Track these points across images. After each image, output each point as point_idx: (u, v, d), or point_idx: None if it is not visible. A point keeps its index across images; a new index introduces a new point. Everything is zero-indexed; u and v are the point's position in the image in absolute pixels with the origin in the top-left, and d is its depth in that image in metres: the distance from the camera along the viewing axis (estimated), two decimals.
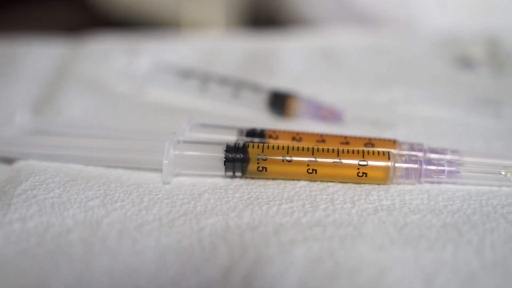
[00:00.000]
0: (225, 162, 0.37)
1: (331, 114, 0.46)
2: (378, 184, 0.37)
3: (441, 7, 0.78)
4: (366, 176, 0.37)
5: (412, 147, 0.38)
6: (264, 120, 0.46)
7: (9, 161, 0.39)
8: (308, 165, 0.36)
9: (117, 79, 0.52)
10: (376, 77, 0.54)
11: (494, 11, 0.77)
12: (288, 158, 0.36)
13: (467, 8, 0.78)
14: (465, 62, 0.57)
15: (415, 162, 0.37)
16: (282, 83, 0.49)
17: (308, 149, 0.37)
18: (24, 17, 1.02)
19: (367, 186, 0.37)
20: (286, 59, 0.58)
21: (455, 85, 0.52)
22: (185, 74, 0.50)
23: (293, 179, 0.37)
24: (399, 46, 0.62)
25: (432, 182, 0.37)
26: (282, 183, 0.37)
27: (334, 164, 0.36)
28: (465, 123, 0.46)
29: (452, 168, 0.37)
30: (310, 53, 0.60)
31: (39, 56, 0.58)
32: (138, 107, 0.48)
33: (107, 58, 0.55)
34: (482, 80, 0.53)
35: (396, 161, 0.37)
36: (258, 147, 0.37)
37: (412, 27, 0.77)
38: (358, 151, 0.37)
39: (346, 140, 0.39)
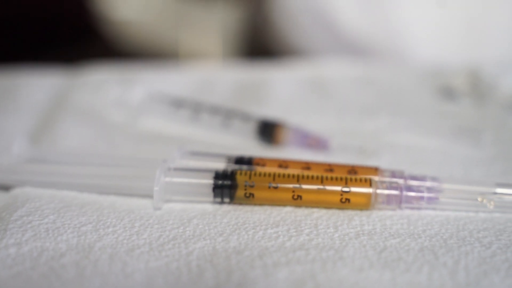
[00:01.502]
0: (214, 188, 0.38)
1: (317, 143, 0.47)
2: (361, 209, 0.39)
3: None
4: (349, 202, 0.38)
5: (393, 174, 0.40)
6: (253, 148, 0.48)
7: (6, 188, 0.41)
8: (293, 192, 0.38)
9: (112, 109, 0.54)
10: (363, 106, 0.56)
11: (475, 45, 0.80)
12: (274, 185, 0.38)
13: (451, 42, 0.81)
14: (448, 93, 0.59)
15: (396, 188, 0.38)
16: (271, 113, 0.51)
17: (293, 176, 0.38)
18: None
19: (350, 212, 0.38)
20: (276, 89, 0.60)
21: (438, 115, 0.54)
22: (178, 103, 0.52)
23: (279, 205, 0.39)
24: (386, 77, 0.64)
25: (412, 208, 0.39)
26: (268, 209, 0.39)
27: (318, 191, 0.38)
28: (446, 151, 0.47)
29: (431, 195, 0.38)
30: (300, 83, 0.62)
31: (36, 87, 0.59)
32: (131, 136, 0.50)
33: (102, 88, 0.57)
34: (464, 110, 0.55)
35: (377, 188, 0.38)
36: (245, 174, 0.39)
37: (399, 59, 0.79)
38: (341, 178, 0.38)
39: (330, 168, 0.40)
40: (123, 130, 0.51)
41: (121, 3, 1.25)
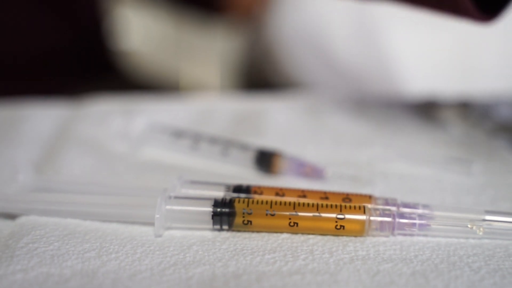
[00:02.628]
0: (213, 216, 0.40)
1: (313, 172, 0.49)
2: (355, 236, 0.40)
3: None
4: (343, 228, 0.39)
5: (386, 202, 0.42)
6: (251, 177, 0.49)
7: (12, 216, 0.42)
8: (290, 219, 0.39)
9: (114, 139, 0.56)
10: (357, 136, 0.58)
11: (466, 77, 0.83)
12: (271, 212, 0.40)
13: (443, 74, 0.84)
14: (440, 123, 0.61)
15: (388, 216, 0.40)
16: (268, 142, 0.53)
17: (290, 203, 0.40)
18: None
19: (344, 238, 0.40)
20: (274, 120, 0.62)
21: (430, 144, 0.56)
22: (178, 134, 0.54)
23: (276, 232, 0.40)
24: (380, 108, 0.66)
25: (404, 234, 0.40)
26: (265, 236, 0.40)
27: (314, 218, 0.39)
28: (438, 179, 0.49)
29: (422, 222, 0.40)
30: (297, 114, 0.64)
31: (40, 119, 0.61)
32: (133, 165, 0.52)
33: (105, 119, 0.59)
34: (455, 139, 0.57)
35: (371, 215, 0.40)
36: (243, 202, 0.40)
37: (393, 90, 0.82)
38: (336, 206, 0.40)
39: (325, 195, 0.42)
40: (125, 159, 0.53)
41: (121, 34, 1.28)
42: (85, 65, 1.14)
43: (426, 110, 0.64)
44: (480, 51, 0.86)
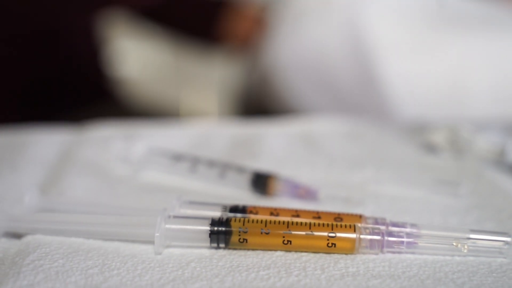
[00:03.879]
0: (210, 234, 0.42)
1: (307, 193, 0.51)
2: (346, 253, 0.42)
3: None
4: (335, 246, 0.41)
5: (376, 221, 0.44)
6: (247, 198, 0.51)
7: (18, 236, 0.44)
8: (283, 237, 0.41)
9: (115, 163, 0.58)
10: (350, 160, 0.60)
11: (455, 105, 0.85)
12: (266, 231, 0.41)
13: (433, 102, 0.86)
14: (429, 148, 0.63)
15: (378, 234, 0.42)
16: (264, 165, 0.55)
17: (284, 222, 0.42)
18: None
19: (336, 256, 0.42)
20: (269, 144, 0.64)
21: (419, 168, 0.58)
22: (177, 157, 0.56)
23: (270, 249, 0.42)
24: (372, 133, 0.69)
25: (393, 252, 0.42)
26: (260, 253, 0.42)
27: (306, 236, 0.41)
28: (427, 201, 0.51)
29: (410, 240, 0.42)
30: (291, 138, 0.66)
31: (45, 143, 0.63)
32: (133, 187, 0.54)
33: (106, 144, 0.61)
34: (444, 163, 0.59)
35: (361, 233, 0.42)
36: (239, 221, 0.42)
37: (385, 117, 0.84)
38: (328, 224, 0.42)
39: (318, 215, 0.44)
40: (126, 182, 0.55)
41: (120, 62, 1.30)
42: (83, 92, 1.17)
43: (417, 135, 0.66)
44: (470, 78, 0.89)
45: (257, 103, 1.14)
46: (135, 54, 1.46)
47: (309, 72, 0.97)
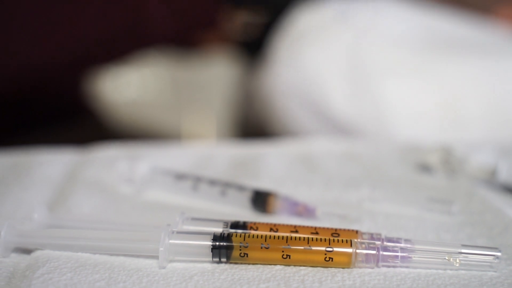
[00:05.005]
0: (212, 249, 0.43)
1: (305, 211, 0.53)
2: (343, 267, 0.44)
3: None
4: (332, 260, 0.43)
5: (372, 237, 0.45)
6: (248, 216, 0.53)
7: (27, 251, 0.46)
8: (283, 251, 0.43)
9: (120, 182, 0.60)
10: (347, 179, 0.62)
11: (449, 127, 0.88)
12: (266, 245, 0.43)
13: (428, 124, 0.89)
14: (424, 167, 0.65)
15: (373, 249, 0.44)
16: (264, 184, 0.57)
17: (283, 237, 0.44)
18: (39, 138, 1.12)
19: (333, 269, 0.43)
20: (268, 164, 0.66)
21: (414, 186, 0.60)
22: (179, 176, 0.58)
23: (270, 264, 0.44)
24: (368, 153, 0.71)
25: (388, 266, 0.44)
26: (261, 267, 0.43)
27: (305, 250, 0.43)
28: (421, 218, 0.53)
29: (404, 254, 0.44)
30: (290, 158, 0.68)
31: (52, 164, 0.65)
32: (138, 205, 0.56)
33: (111, 164, 0.63)
34: (437, 182, 0.62)
35: (357, 248, 0.43)
36: (240, 236, 0.44)
37: (381, 137, 0.86)
38: (325, 239, 0.44)
39: (316, 231, 0.46)
40: (130, 200, 0.57)
41: (120, 86, 1.33)
42: (82, 115, 1.19)
43: (411, 155, 0.68)
44: (463, 101, 0.91)
45: (256, 126, 1.16)
46: (134, 78, 1.49)
47: (307, 97, 0.99)
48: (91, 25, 1.17)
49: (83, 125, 1.32)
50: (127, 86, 1.44)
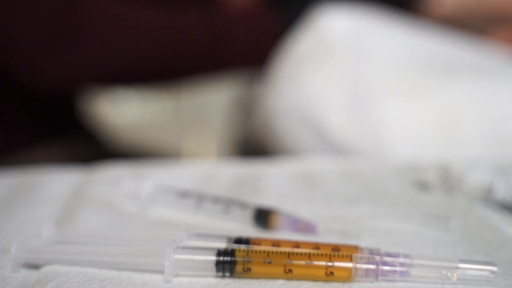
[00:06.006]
0: (216, 264, 0.45)
1: (306, 227, 0.54)
2: (343, 281, 0.45)
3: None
4: (333, 275, 0.44)
5: (371, 252, 0.47)
6: (250, 232, 0.54)
7: (37, 266, 0.47)
8: (285, 266, 0.44)
9: (125, 200, 0.61)
10: (347, 196, 0.64)
11: (447, 146, 0.90)
12: (268, 260, 0.45)
13: (426, 143, 0.91)
14: (422, 185, 0.67)
15: (373, 263, 0.45)
16: (266, 202, 0.58)
17: (285, 253, 0.45)
18: (43, 155, 1.13)
19: (334, 284, 0.45)
20: (270, 182, 0.68)
21: (412, 204, 0.62)
22: (183, 194, 0.59)
23: (272, 278, 0.45)
24: (368, 171, 0.73)
25: (387, 280, 0.45)
26: (263, 281, 0.45)
27: (306, 265, 0.44)
28: (419, 234, 0.54)
29: (403, 269, 0.45)
30: (291, 177, 0.70)
31: (58, 182, 0.67)
32: (143, 222, 0.57)
33: (116, 182, 0.65)
34: (435, 200, 0.63)
35: (357, 263, 0.45)
36: (244, 251, 0.45)
37: (380, 156, 0.88)
38: (326, 254, 0.45)
39: (317, 246, 0.47)
40: (135, 217, 0.58)
41: (119, 107, 1.35)
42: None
43: (410, 174, 0.70)
44: (461, 122, 0.93)
45: (257, 146, 1.18)
46: (133, 101, 1.50)
47: (307, 117, 1.01)
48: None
49: (82, 143, 1.34)
50: (127, 107, 1.46)
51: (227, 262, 0.45)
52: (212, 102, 1.44)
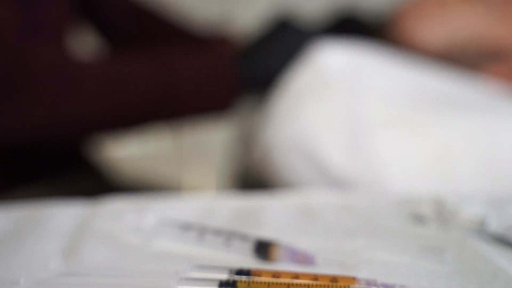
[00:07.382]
0: None
1: (305, 259, 0.56)
2: None
3: None
4: None
5: (368, 282, 0.48)
6: (251, 263, 0.56)
7: None
8: None
9: (129, 232, 0.63)
10: (345, 229, 0.66)
11: (441, 180, 0.92)
12: None
13: (421, 178, 0.93)
14: (417, 218, 0.68)
15: None
16: (266, 234, 0.60)
17: (285, 283, 0.47)
18: (47, 190, 1.15)
19: None
20: (270, 215, 0.70)
21: (408, 236, 0.64)
22: (185, 227, 0.61)
23: None
24: (365, 205, 0.74)
25: None
26: None
27: None
28: (414, 266, 0.56)
29: None
30: (290, 210, 0.72)
31: (63, 216, 0.68)
32: (147, 254, 0.59)
33: (119, 215, 0.67)
34: (430, 232, 0.65)
35: None
36: (245, 282, 0.47)
37: (377, 190, 0.90)
38: (324, 285, 0.47)
39: (315, 277, 0.49)
40: (139, 249, 0.60)
41: (117, 140, 1.36)
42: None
43: (405, 207, 0.72)
44: (455, 157, 0.95)
45: (256, 179, 1.19)
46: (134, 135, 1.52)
47: (305, 151, 1.03)
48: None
49: (85, 177, 1.35)
50: (128, 141, 1.47)
51: None
52: (211, 137, 1.46)
